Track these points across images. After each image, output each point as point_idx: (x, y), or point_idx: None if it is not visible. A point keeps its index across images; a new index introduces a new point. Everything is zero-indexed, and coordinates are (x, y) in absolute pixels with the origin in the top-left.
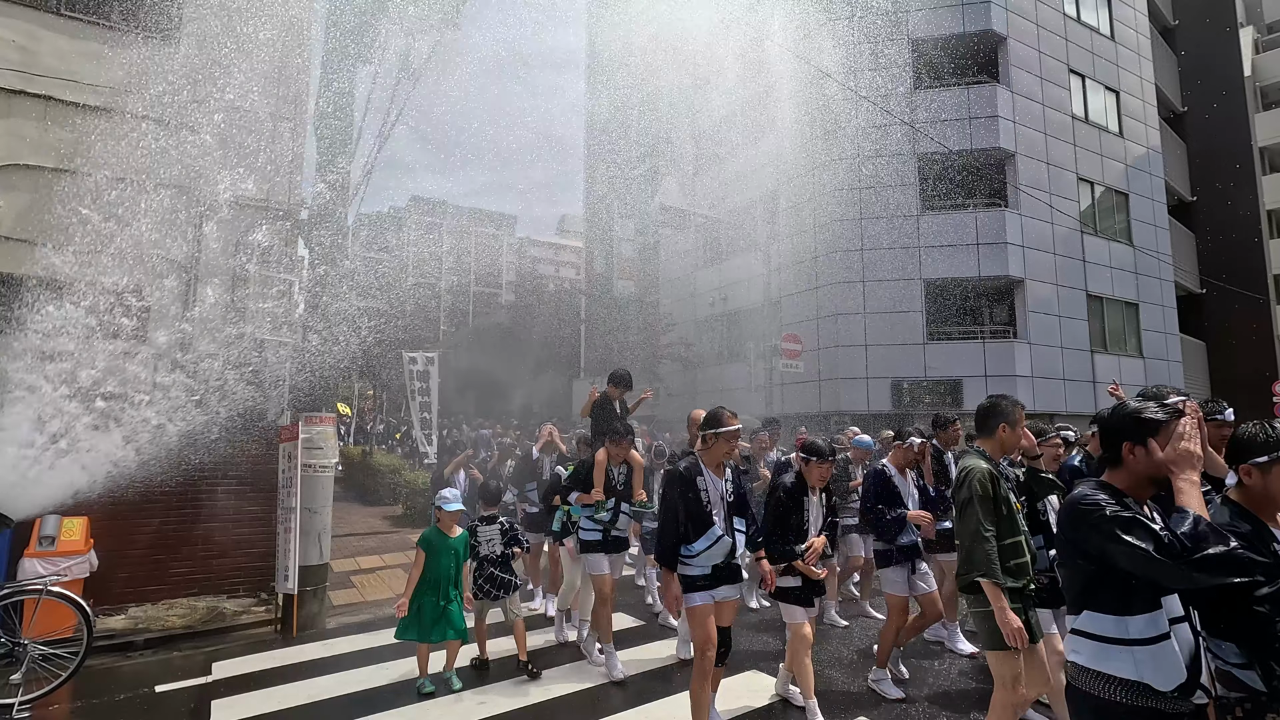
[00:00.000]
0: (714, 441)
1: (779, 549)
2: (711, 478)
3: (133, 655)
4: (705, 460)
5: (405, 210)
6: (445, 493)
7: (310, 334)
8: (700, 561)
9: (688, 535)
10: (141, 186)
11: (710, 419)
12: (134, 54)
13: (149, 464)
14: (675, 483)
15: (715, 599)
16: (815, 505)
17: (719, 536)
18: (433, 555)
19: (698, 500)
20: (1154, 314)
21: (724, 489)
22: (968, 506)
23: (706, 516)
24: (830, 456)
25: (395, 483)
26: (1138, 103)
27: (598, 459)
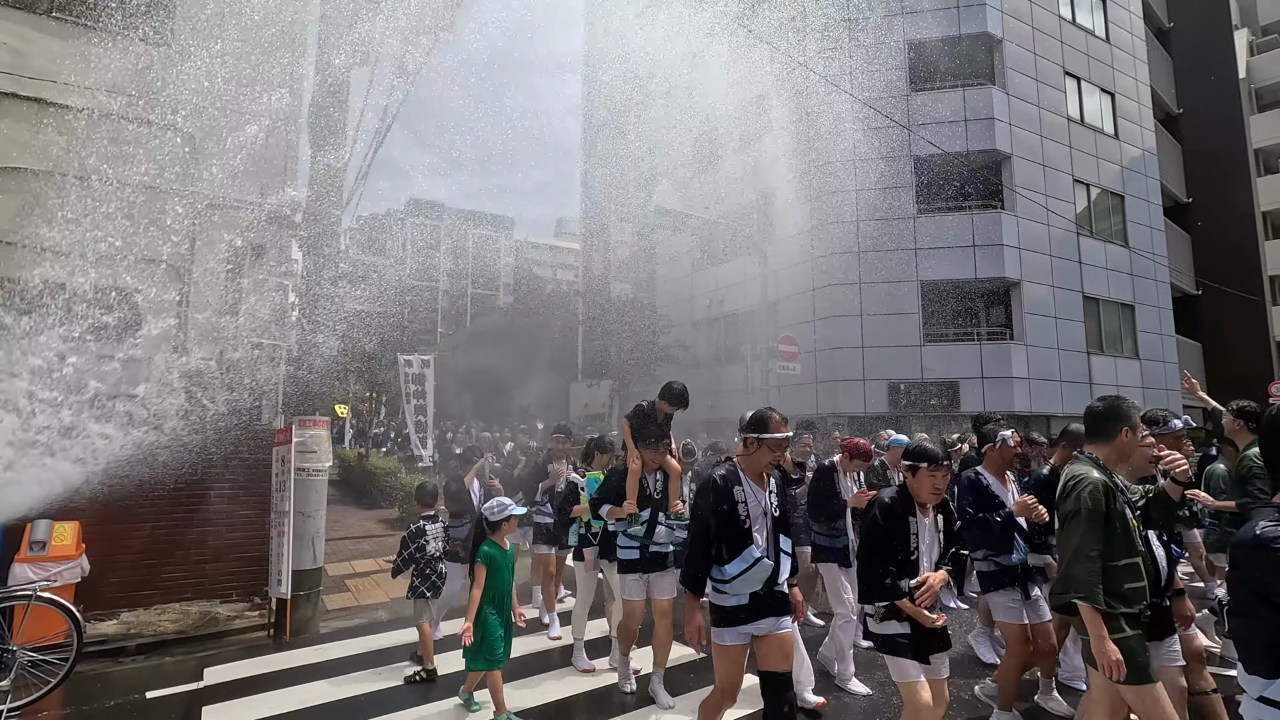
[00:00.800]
0: (756, 448)
1: (879, 585)
2: (752, 488)
3: (124, 661)
4: (745, 468)
5: (403, 213)
6: (503, 499)
7: (304, 336)
8: (735, 588)
9: (721, 556)
10: (133, 189)
11: (755, 422)
12: (126, 57)
13: (141, 467)
14: (708, 493)
15: (754, 634)
16: (927, 528)
17: (757, 559)
18: (494, 571)
19: (734, 514)
20: (1150, 315)
21: (767, 502)
22: (1073, 520)
23: (744, 534)
24: (945, 461)
25: (391, 486)
26: (1133, 105)
27: (630, 467)
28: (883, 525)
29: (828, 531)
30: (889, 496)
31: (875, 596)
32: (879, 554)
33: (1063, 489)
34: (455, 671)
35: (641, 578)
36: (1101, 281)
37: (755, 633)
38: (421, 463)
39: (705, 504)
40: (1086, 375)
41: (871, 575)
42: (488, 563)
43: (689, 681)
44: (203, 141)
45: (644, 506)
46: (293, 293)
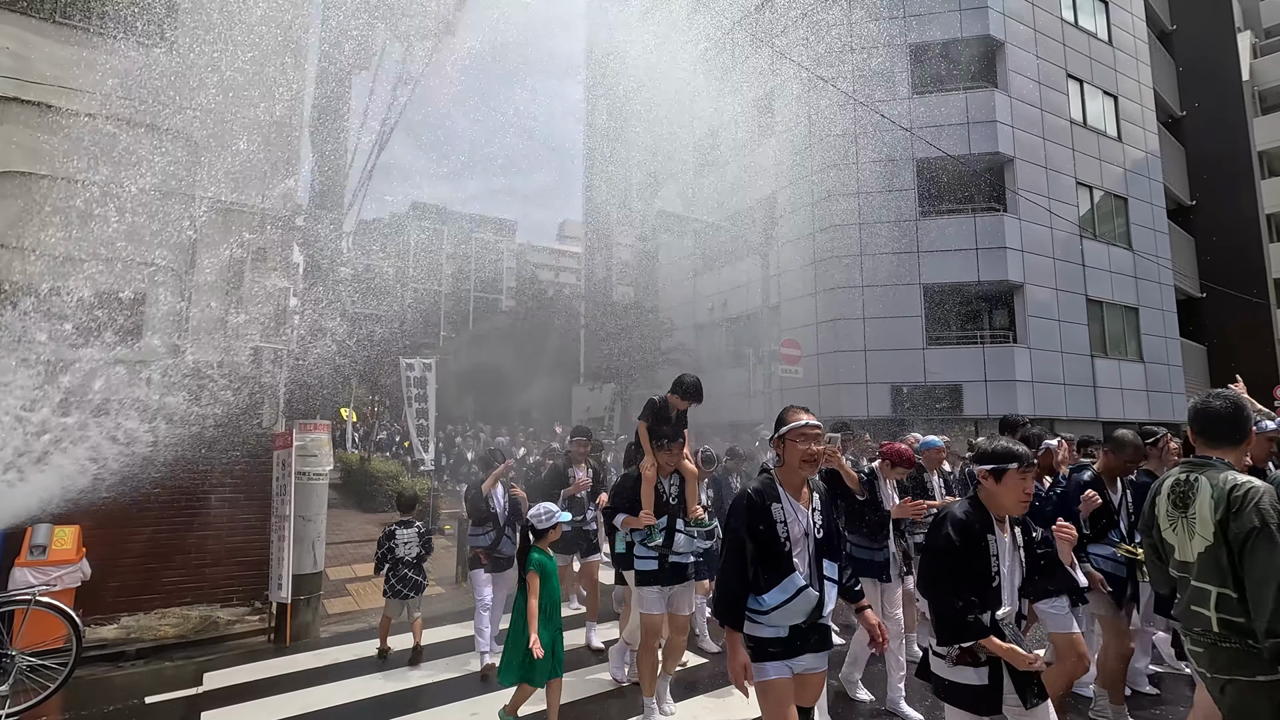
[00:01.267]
0: (785, 450)
1: (961, 621)
2: (792, 505)
3: (124, 665)
4: (783, 481)
5: (405, 216)
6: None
7: (305, 340)
8: (774, 620)
9: (758, 583)
10: (135, 193)
11: (777, 421)
12: (128, 61)
13: (141, 471)
14: (742, 512)
15: (794, 671)
16: (1006, 546)
17: (801, 588)
18: (544, 579)
19: (772, 536)
20: (1154, 318)
21: (809, 521)
22: (1260, 540)
23: (784, 559)
24: (1033, 462)
25: (393, 489)
26: (1136, 107)
27: (645, 473)
28: (959, 546)
29: (868, 544)
30: (963, 511)
31: (958, 636)
32: (958, 582)
33: (1230, 503)
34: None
35: (661, 590)
36: (1105, 284)
37: (795, 669)
38: (424, 466)
39: (739, 524)
40: (1090, 378)
41: (949, 609)
42: (540, 571)
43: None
44: (204, 145)
45: (660, 514)
46: (294, 296)
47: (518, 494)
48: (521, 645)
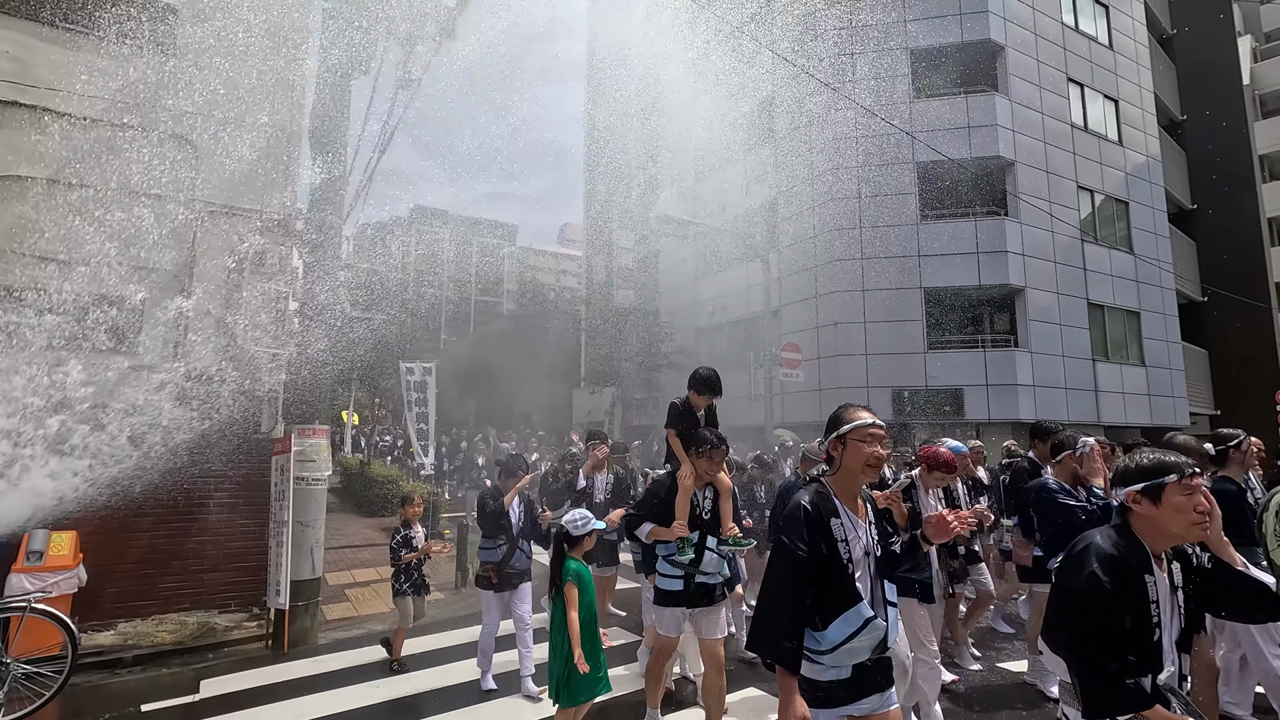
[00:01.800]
0: (843, 454)
1: (1111, 686)
2: (851, 519)
3: (120, 672)
4: (838, 490)
5: (407, 220)
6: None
7: (304, 345)
8: (837, 659)
9: (816, 615)
10: (134, 197)
11: (829, 424)
12: (128, 65)
13: (139, 477)
14: (799, 527)
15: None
16: (1164, 590)
17: (868, 619)
18: (584, 591)
19: (834, 558)
20: (1155, 322)
21: (869, 537)
22: None
23: (848, 584)
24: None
25: (393, 494)
26: (1137, 111)
27: (683, 483)
28: (1112, 591)
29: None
30: (1110, 543)
31: (1115, 707)
32: (1113, 637)
33: None
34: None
35: (683, 612)
36: (1106, 288)
37: (855, 714)
38: (424, 470)
39: (797, 542)
40: (1092, 382)
41: (1103, 673)
42: (579, 582)
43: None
44: (204, 149)
45: (692, 528)
46: (293, 300)
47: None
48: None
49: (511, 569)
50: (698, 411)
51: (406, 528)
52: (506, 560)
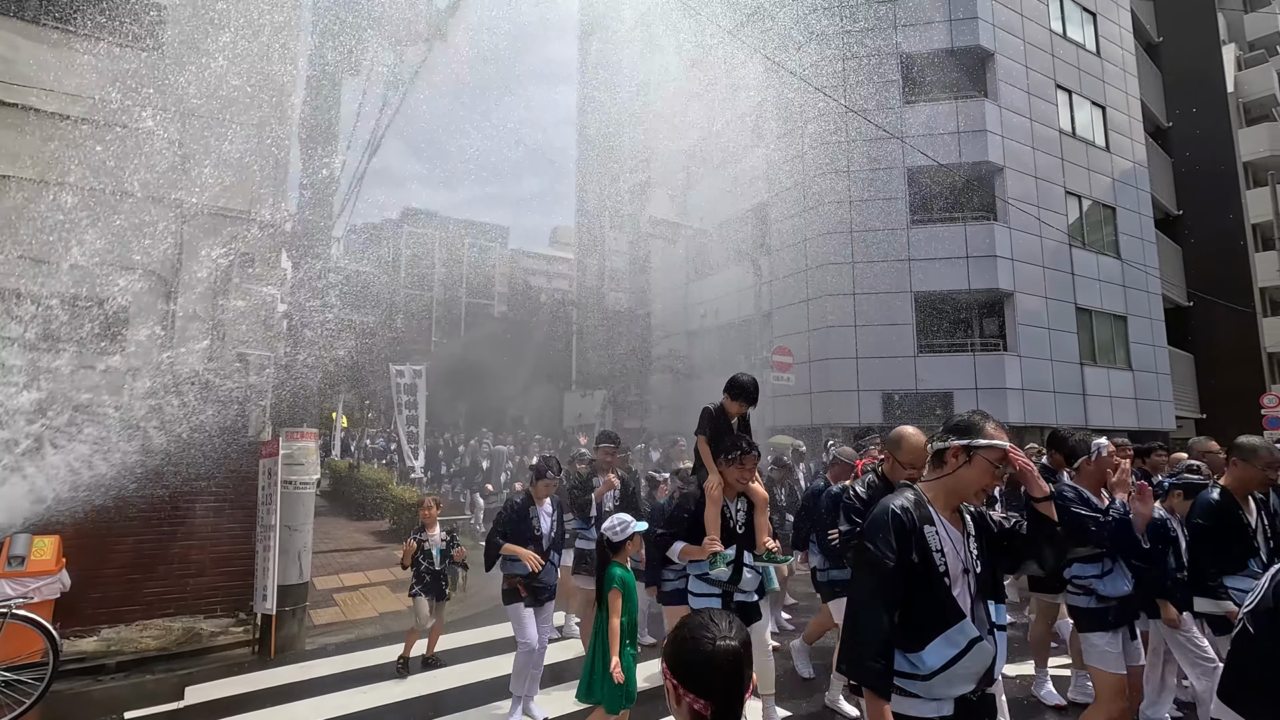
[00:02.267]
0: (961, 465)
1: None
2: (947, 530)
3: (104, 679)
4: (935, 498)
5: (397, 222)
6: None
7: (293, 347)
8: (937, 689)
9: (910, 634)
10: (120, 197)
11: (962, 425)
12: (115, 63)
13: (124, 480)
14: (888, 531)
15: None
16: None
17: (973, 639)
18: (627, 598)
19: (929, 571)
20: (1142, 326)
21: (967, 554)
22: None
23: (947, 599)
24: None
25: (382, 497)
26: (1123, 118)
27: (711, 494)
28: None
29: None
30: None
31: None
32: None
33: None
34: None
35: None
36: (1094, 293)
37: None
38: (414, 474)
39: (885, 548)
40: (1080, 386)
41: None
42: (624, 589)
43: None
44: (191, 149)
45: (726, 543)
46: (282, 302)
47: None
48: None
49: (540, 583)
50: (730, 419)
51: (421, 531)
52: (536, 572)
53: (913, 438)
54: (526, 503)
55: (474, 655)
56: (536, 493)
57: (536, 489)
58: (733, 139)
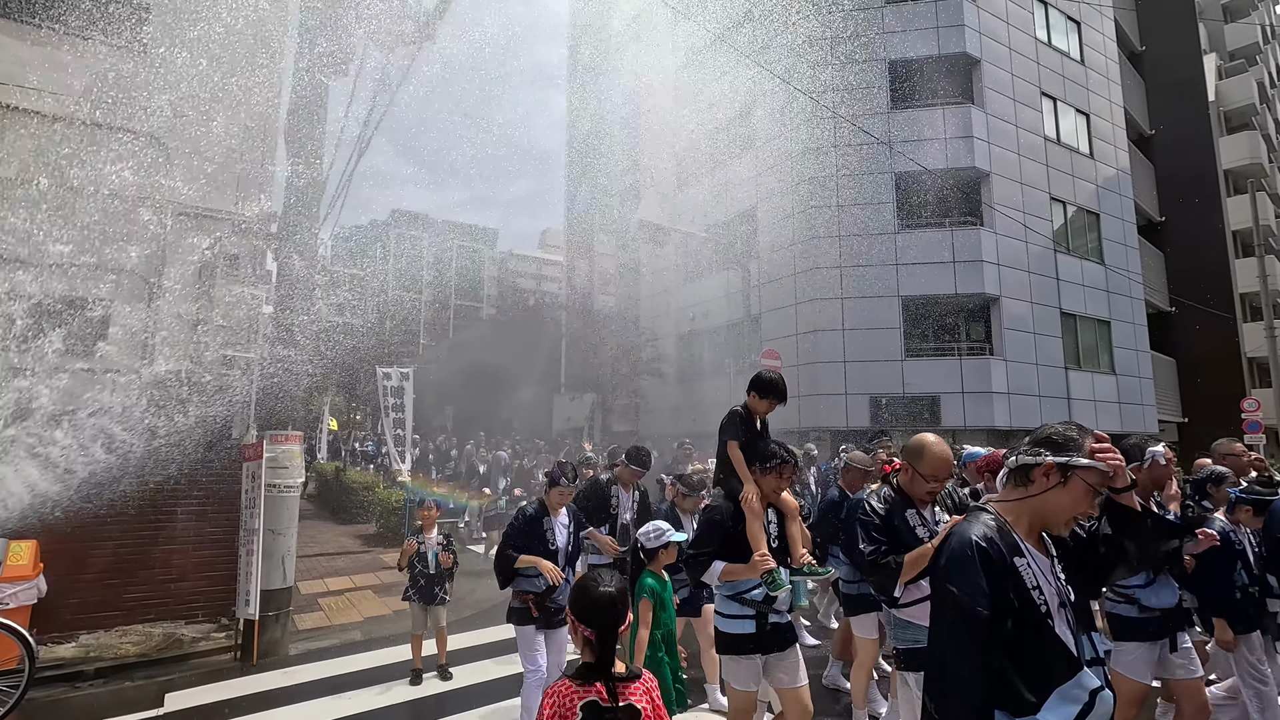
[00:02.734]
0: (1054, 485)
1: None
2: (1037, 559)
3: (81, 686)
4: (1016, 522)
5: (386, 224)
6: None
7: (278, 349)
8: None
9: (1015, 694)
10: (102, 197)
11: (1053, 439)
12: (97, 61)
13: (104, 484)
14: (969, 573)
15: None
16: None
17: (1094, 691)
18: (661, 608)
19: (1028, 611)
20: (1125, 331)
21: (1059, 580)
22: None
23: (1057, 647)
24: None
25: (369, 500)
26: (1107, 125)
27: (749, 506)
28: None
29: None
30: None
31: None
32: None
33: None
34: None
35: (758, 660)
36: (1078, 298)
37: None
38: (400, 477)
39: (972, 595)
40: (1064, 390)
41: None
42: (654, 597)
43: None
44: (175, 148)
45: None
46: (267, 304)
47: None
48: None
49: (553, 603)
50: (756, 418)
51: (419, 533)
52: (551, 591)
53: (935, 447)
54: (539, 513)
55: (455, 661)
56: (550, 502)
57: (550, 498)
58: (722, 143)
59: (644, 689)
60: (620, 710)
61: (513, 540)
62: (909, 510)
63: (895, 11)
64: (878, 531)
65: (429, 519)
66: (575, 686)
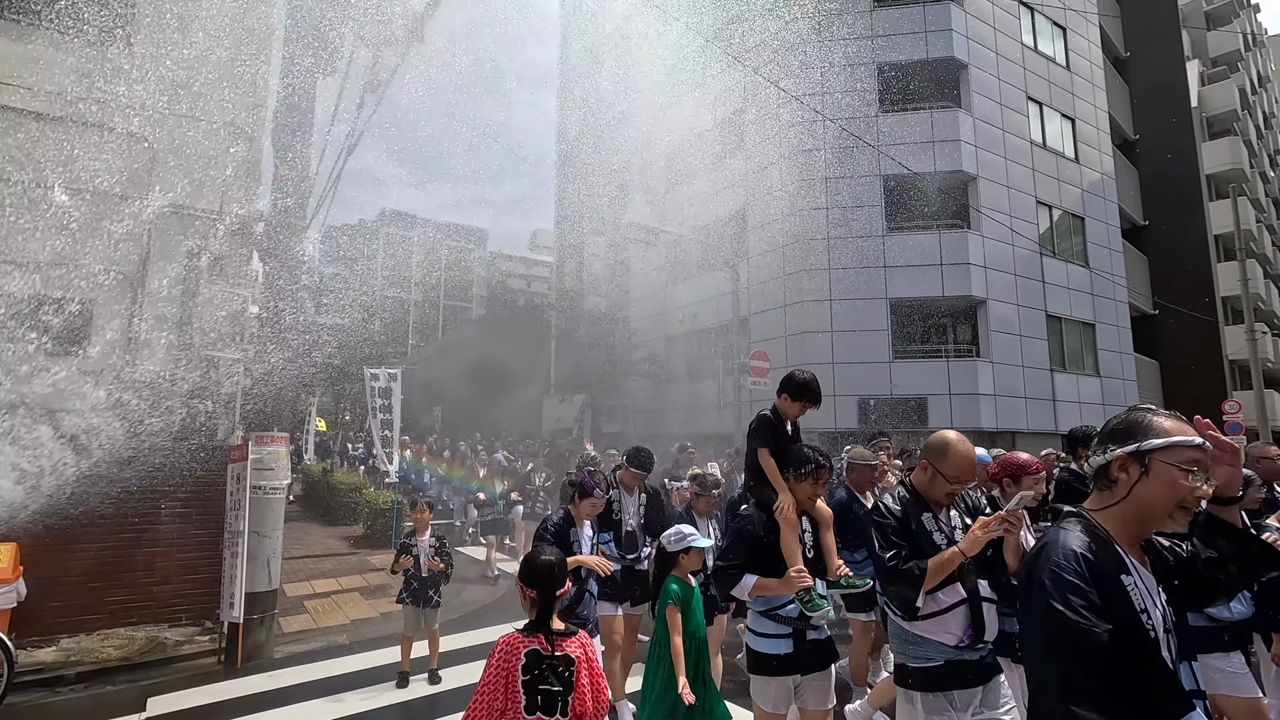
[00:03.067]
0: (1138, 479)
1: None
2: (1143, 577)
3: (62, 691)
4: (1117, 534)
5: (375, 223)
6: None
7: (264, 350)
8: None
9: None
10: (85, 196)
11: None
12: (81, 58)
13: (87, 485)
14: (1078, 589)
15: None
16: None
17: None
18: (686, 614)
19: (1136, 635)
20: (1110, 334)
21: (1164, 604)
22: None
23: (1169, 682)
24: None
25: (356, 502)
26: (1092, 130)
27: (784, 516)
28: None
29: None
30: None
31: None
32: None
33: None
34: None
35: (793, 681)
36: (1064, 300)
37: None
38: (388, 479)
39: (1089, 617)
40: (1050, 392)
41: None
42: (680, 603)
43: None
44: (160, 147)
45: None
46: (253, 304)
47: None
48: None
49: (579, 618)
50: (786, 422)
51: (411, 535)
52: (575, 606)
53: (959, 446)
54: (566, 524)
55: (444, 663)
56: (578, 513)
57: (579, 509)
58: (711, 145)
59: (579, 642)
60: (557, 658)
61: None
62: (925, 514)
63: (884, 16)
64: (896, 535)
65: (421, 521)
66: (521, 638)
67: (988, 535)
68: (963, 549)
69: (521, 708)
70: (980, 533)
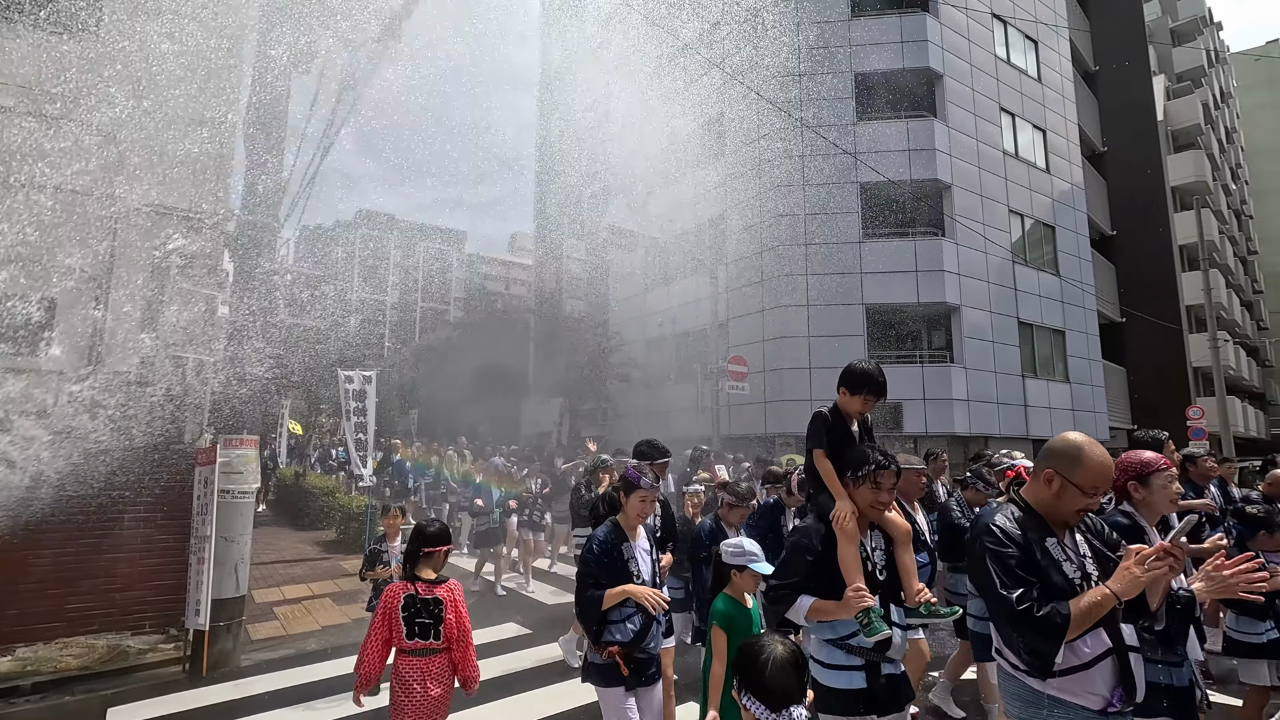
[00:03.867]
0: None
1: None
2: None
3: (17, 702)
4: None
5: (351, 224)
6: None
7: (234, 351)
8: None
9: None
10: (47, 192)
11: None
12: (47, 50)
13: (44, 489)
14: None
15: None
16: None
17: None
18: (734, 636)
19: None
20: (1079, 341)
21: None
22: None
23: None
24: None
25: (329, 506)
26: (1063, 141)
27: (842, 527)
28: None
29: None
30: None
31: None
32: None
33: None
34: None
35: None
36: (1035, 308)
37: None
38: (362, 482)
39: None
40: (1021, 398)
41: None
42: (726, 626)
43: None
44: (128, 143)
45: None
46: (223, 305)
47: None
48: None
49: (644, 654)
50: (850, 422)
51: (381, 541)
52: (642, 637)
53: (1091, 448)
54: (615, 539)
55: None
56: (627, 519)
57: (627, 512)
58: (691, 151)
59: (448, 588)
60: (429, 601)
61: (595, 575)
62: (1049, 538)
63: (861, 26)
64: (1022, 568)
65: (392, 527)
66: (400, 585)
67: (1150, 576)
68: (1115, 590)
69: (403, 636)
70: (1138, 570)
